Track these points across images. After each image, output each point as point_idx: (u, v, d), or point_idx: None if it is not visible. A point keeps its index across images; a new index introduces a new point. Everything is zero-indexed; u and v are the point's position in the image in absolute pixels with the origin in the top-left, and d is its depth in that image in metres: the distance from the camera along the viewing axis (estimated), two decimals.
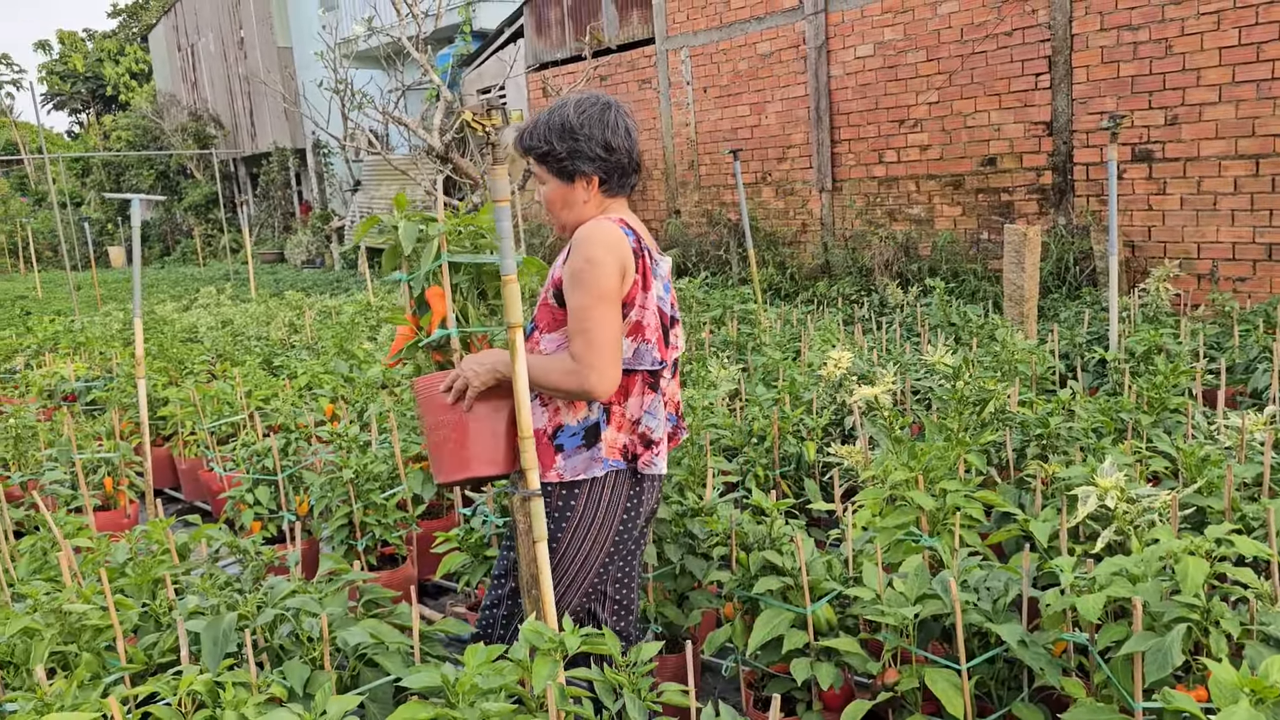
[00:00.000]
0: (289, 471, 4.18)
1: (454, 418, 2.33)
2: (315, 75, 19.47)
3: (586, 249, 2.26)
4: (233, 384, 5.88)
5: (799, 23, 9.91)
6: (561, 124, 2.34)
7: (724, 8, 10.77)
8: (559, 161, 2.36)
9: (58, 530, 3.10)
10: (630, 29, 12.11)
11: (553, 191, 2.40)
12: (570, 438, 2.36)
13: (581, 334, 2.24)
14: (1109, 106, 7.53)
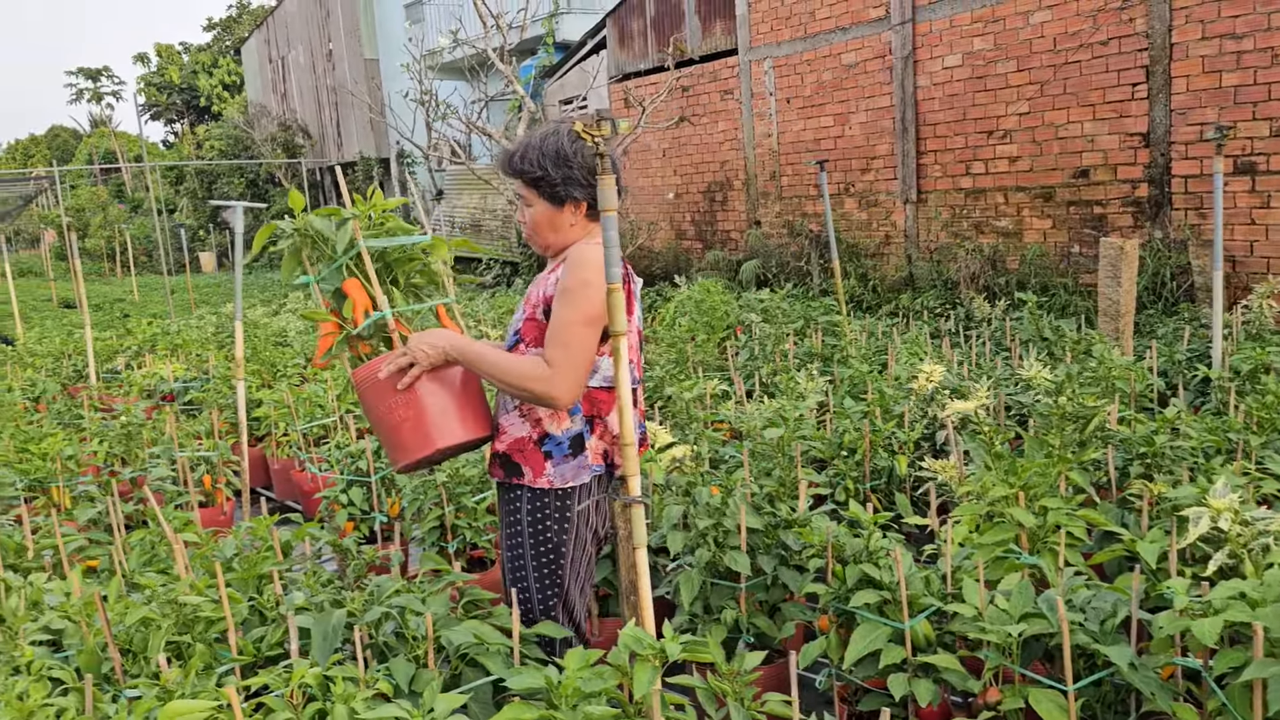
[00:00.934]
0: (382, 474, 4.27)
1: (405, 397, 2.40)
2: (400, 86, 19.90)
3: (584, 271, 2.38)
4: (324, 387, 6.02)
5: (885, 33, 9.82)
6: (556, 151, 2.44)
7: (809, 19, 10.72)
8: (551, 186, 2.45)
9: (167, 525, 3.21)
10: (713, 40, 12.13)
11: (540, 214, 2.49)
12: (557, 446, 2.48)
13: (562, 345, 2.35)
14: (1210, 118, 7.31)
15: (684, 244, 13.12)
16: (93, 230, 25.57)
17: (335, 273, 2.56)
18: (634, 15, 13.38)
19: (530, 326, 2.51)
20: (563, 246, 2.54)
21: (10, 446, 5.04)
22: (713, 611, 2.95)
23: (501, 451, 2.58)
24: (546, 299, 2.48)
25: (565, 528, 2.53)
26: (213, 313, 11.64)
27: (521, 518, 2.56)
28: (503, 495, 2.62)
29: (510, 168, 2.47)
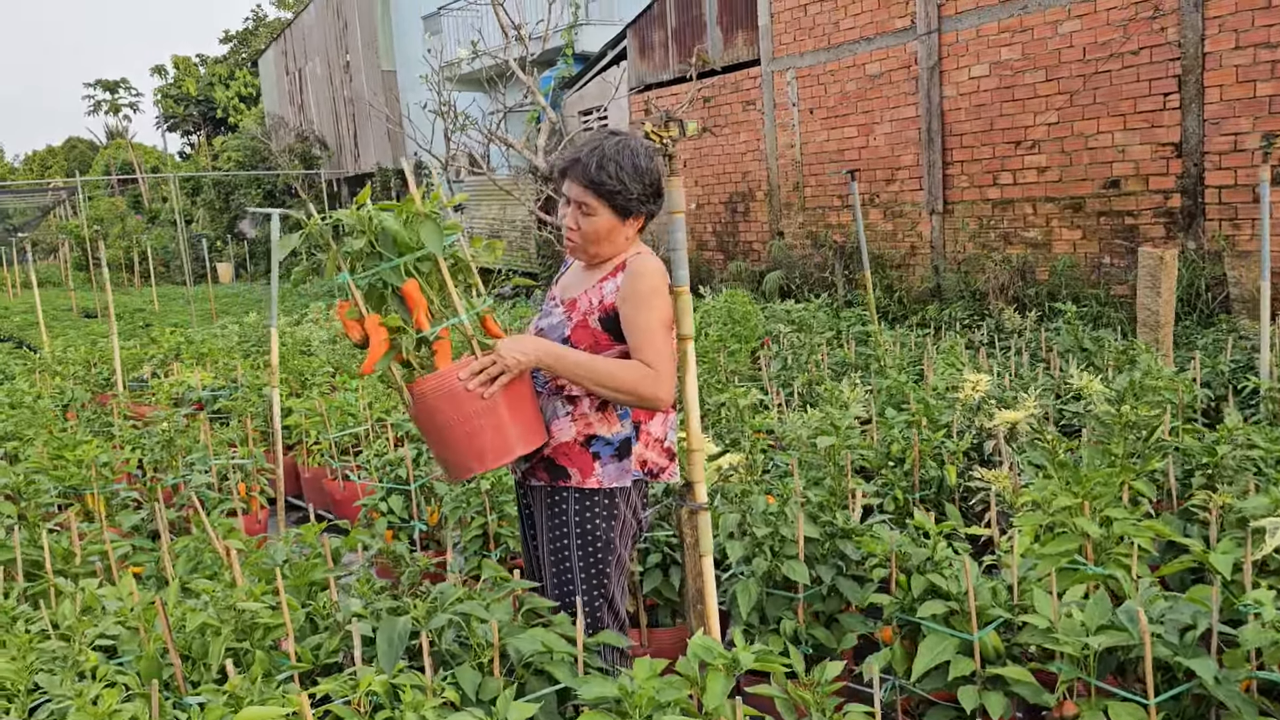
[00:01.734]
0: (421, 482, 4.23)
1: (485, 405, 2.35)
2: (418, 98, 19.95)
3: (652, 279, 2.43)
4: (355, 396, 6.00)
5: (911, 43, 9.79)
6: (634, 166, 2.45)
7: (832, 29, 10.70)
8: (626, 200, 2.46)
9: (213, 531, 3.17)
10: (735, 51, 12.12)
11: (603, 224, 2.47)
12: (605, 447, 2.50)
13: (654, 348, 2.39)
14: (1244, 127, 7.25)
15: (705, 255, 13.09)
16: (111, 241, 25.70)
17: (391, 274, 2.50)
18: (655, 26, 13.39)
19: (583, 333, 2.50)
20: (610, 256, 2.54)
21: (44, 454, 5.03)
22: (769, 622, 2.90)
23: (547, 455, 2.55)
24: (604, 307, 2.48)
25: (613, 524, 2.53)
26: (235, 322, 11.64)
27: (569, 519, 2.54)
28: (546, 499, 2.59)
29: (585, 176, 2.43)
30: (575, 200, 2.48)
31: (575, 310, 2.55)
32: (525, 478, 2.67)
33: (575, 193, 2.47)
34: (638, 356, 2.40)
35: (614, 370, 2.38)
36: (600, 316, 2.49)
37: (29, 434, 5.68)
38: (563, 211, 2.52)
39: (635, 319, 2.42)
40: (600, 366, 2.39)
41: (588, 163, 2.43)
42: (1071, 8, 8.29)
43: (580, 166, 2.45)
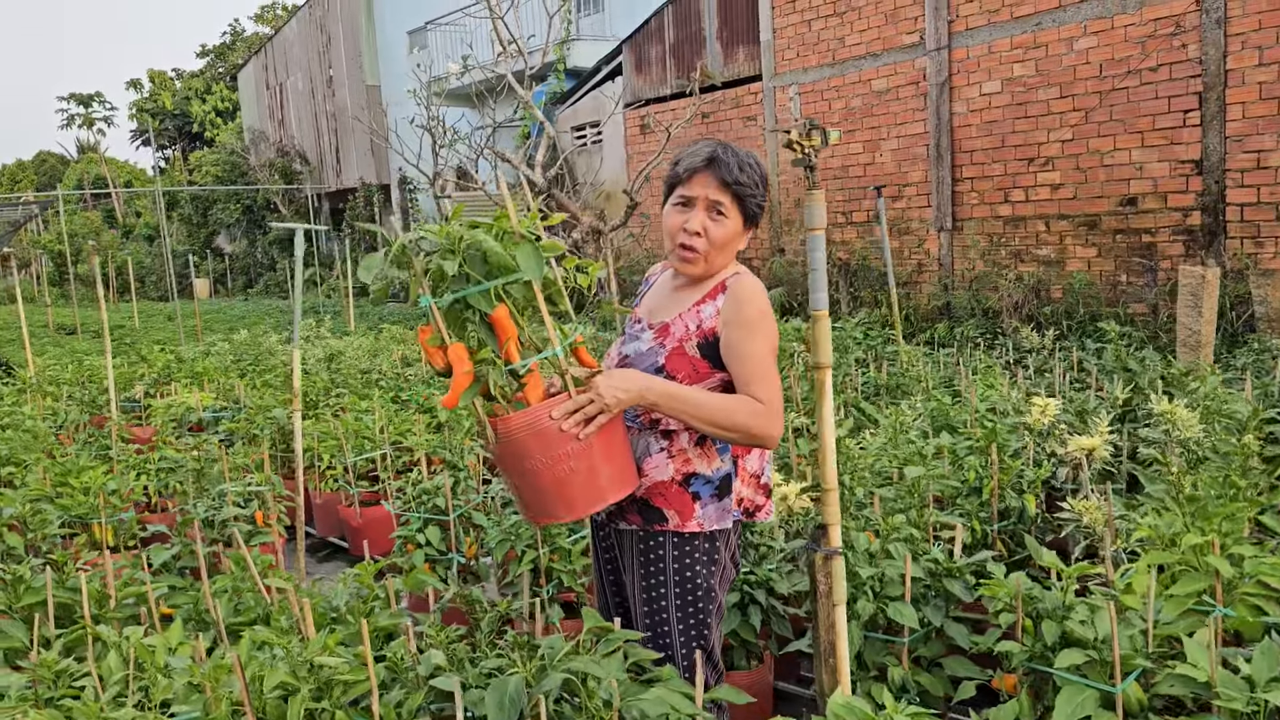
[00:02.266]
0: (460, 511, 4.00)
1: (578, 446, 2.11)
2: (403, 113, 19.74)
3: (759, 301, 2.27)
4: (371, 417, 5.75)
5: (920, 59, 9.68)
6: (761, 173, 2.32)
7: (838, 45, 10.59)
8: (757, 206, 2.31)
9: (254, 569, 2.93)
10: (735, 66, 12.00)
11: (732, 231, 2.29)
12: (705, 485, 2.29)
13: (764, 380, 2.19)
14: (1268, 145, 7.18)
15: None
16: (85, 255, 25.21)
17: (480, 298, 2.25)
18: (652, 41, 13.26)
19: (680, 361, 2.28)
20: (714, 272, 2.34)
21: (46, 480, 4.74)
22: (866, 667, 2.69)
23: (640, 497, 2.34)
24: (705, 332, 2.27)
25: (713, 570, 2.33)
26: (224, 339, 11.32)
27: (666, 565, 2.33)
28: (639, 544, 2.37)
29: (729, 174, 2.24)
30: (709, 201, 2.26)
31: (668, 335, 2.34)
32: (610, 520, 2.45)
33: (711, 192, 2.26)
34: (747, 389, 2.19)
35: (725, 407, 2.17)
36: (699, 342, 2.28)
37: (25, 458, 5.39)
38: (680, 217, 2.30)
39: (744, 346, 2.22)
40: (709, 404, 2.18)
41: (729, 161, 2.24)
42: (1087, 24, 8.22)
43: (721, 165, 2.25)
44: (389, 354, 9.07)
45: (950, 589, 2.67)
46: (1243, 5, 7.21)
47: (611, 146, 14.15)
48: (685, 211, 2.30)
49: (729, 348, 2.24)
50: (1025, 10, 8.69)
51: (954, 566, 2.69)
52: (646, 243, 13.44)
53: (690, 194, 2.28)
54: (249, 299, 24.96)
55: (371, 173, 23.53)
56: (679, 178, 2.31)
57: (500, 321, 2.16)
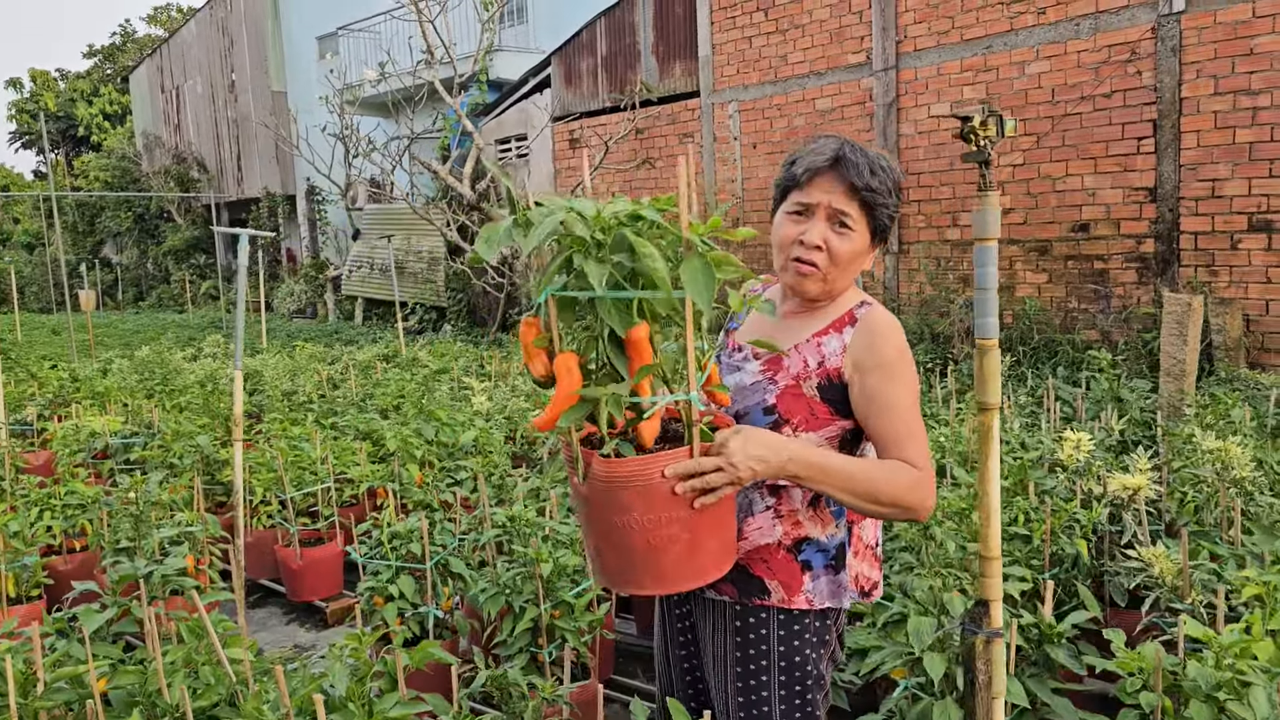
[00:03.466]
0: (437, 559, 3.51)
1: (684, 514, 1.69)
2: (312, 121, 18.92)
3: (896, 338, 1.89)
4: (308, 446, 5.19)
5: (866, 79, 9.54)
6: (895, 179, 1.91)
7: (780, 63, 10.39)
8: (888, 218, 1.91)
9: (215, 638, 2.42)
10: (672, 81, 11.71)
11: (859, 246, 1.90)
12: (818, 554, 1.92)
13: (914, 438, 1.82)
14: (1222, 174, 7.17)
15: None
16: None
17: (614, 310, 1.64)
18: (583, 54, 12.89)
19: (795, 403, 1.89)
20: (835, 294, 1.96)
21: None
22: None
23: (738, 562, 1.93)
24: (829, 371, 1.88)
25: (823, 652, 1.96)
26: (123, 356, 10.47)
27: (770, 646, 1.93)
28: (734, 619, 1.96)
29: (859, 179, 1.84)
30: (831, 210, 1.87)
31: (781, 370, 1.94)
32: (702, 590, 2.03)
33: (835, 199, 1.86)
34: (897, 450, 1.80)
35: (882, 479, 1.77)
36: (820, 383, 1.89)
37: None
38: (795, 228, 1.91)
39: (887, 395, 1.83)
40: (863, 475, 1.76)
41: (858, 162, 1.85)
42: (1040, 49, 8.16)
43: (849, 166, 1.85)
44: (311, 374, 8.44)
45: (1054, 657, 2.33)
46: (1198, 34, 7.21)
47: (539, 161, 13.71)
48: (802, 221, 1.90)
49: (867, 397, 1.85)
50: (975, 33, 8.60)
51: (1056, 630, 2.35)
52: None
53: (809, 200, 1.89)
54: (140, 312, 23.61)
55: (276, 182, 22.54)
56: (796, 180, 1.91)
57: (638, 345, 1.67)
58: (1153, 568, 2.91)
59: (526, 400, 6.55)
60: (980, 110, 1.62)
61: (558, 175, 13.47)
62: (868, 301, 1.95)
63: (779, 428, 1.90)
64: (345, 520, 5.08)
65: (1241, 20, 6.98)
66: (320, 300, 19.13)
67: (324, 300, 18.95)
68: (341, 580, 4.97)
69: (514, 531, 3.26)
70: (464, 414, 6.02)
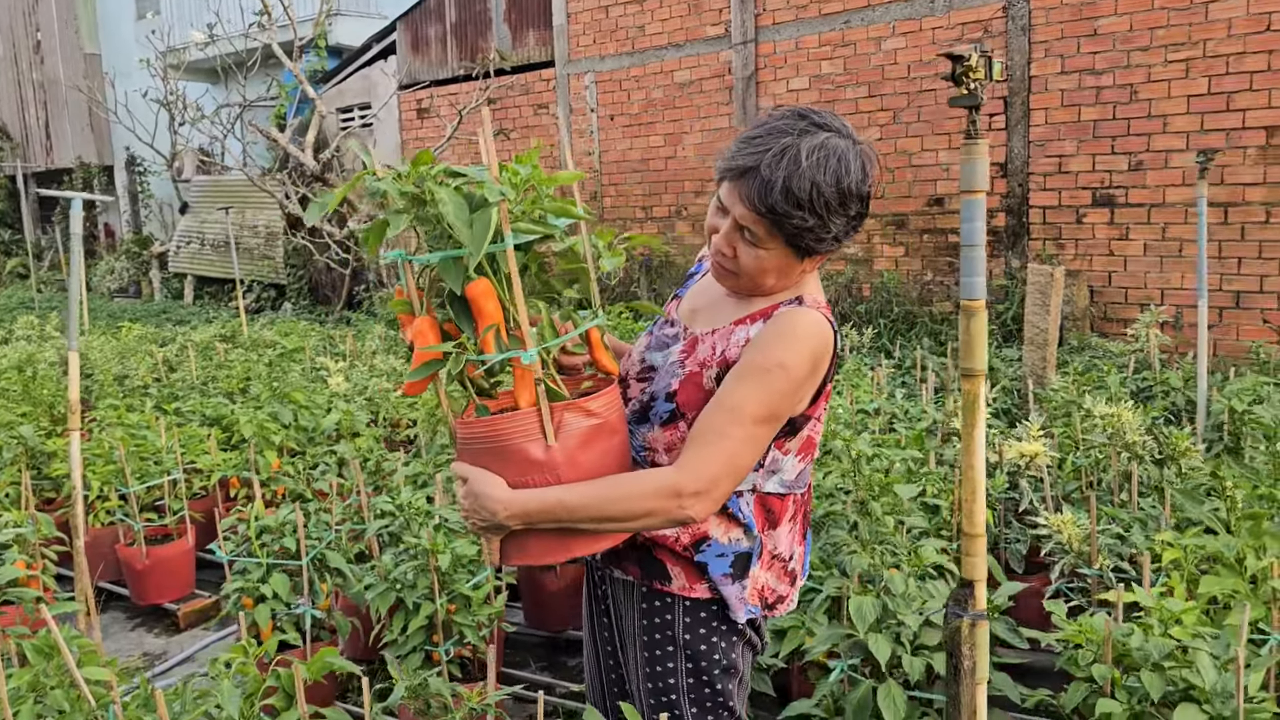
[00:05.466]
0: (315, 553, 3.20)
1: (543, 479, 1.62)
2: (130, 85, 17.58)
3: (788, 347, 1.64)
4: (152, 434, 4.72)
5: (725, 52, 9.49)
6: (840, 190, 1.60)
7: (637, 33, 10.23)
8: (815, 240, 1.64)
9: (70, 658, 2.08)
10: (526, 50, 11.38)
11: (770, 262, 1.68)
12: (717, 559, 1.75)
13: (716, 444, 1.61)
14: (1069, 150, 7.45)
15: None
16: None
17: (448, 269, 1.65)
18: (431, 20, 12.38)
19: (692, 392, 1.73)
20: (774, 291, 1.76)
21: None
22: None
23: (641, 543, 1.78)
24: (726, 360, 1.71)
25: (735, 640, 1.81)
26: None
27: (675, 633, 1.79)
28: (638, 600, 1.83)
29: (762, 199, 1.60)
30: (736, 220, 1.66)
31: (693, 354, 1.77)
32: (605, 563, 1.88)
33: (738, 212, 1.64)
34: (687, 449, 1.63)
35: (607, 494, 1.61)
36: (719, 373, 1.72)
37: None
38: (713, 220, 1.73)
39: (729, 391, 1.64)
40: (601, 498, 1.60)
41: (770, 179, 1.59)
42: (896, 25, 8.28)
43: (757, 183, 1.60)
44: (143, 357, 7.79)
45: (992, 630, 2.26)
46: (1046, 14, 7.45)
47: (384, 131, 13.13)
48: (722, 216, 1.71)
49: (721, 383, 1.68)
50: (834, 7, 8.66)
51: (993, 604, 2.28)
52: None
53: (724, 202, 1.68)
54: None
55: (92, 151, 20.90)
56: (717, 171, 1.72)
57: (477, 301, 1.62)
58: (1060, 534, 2.90)
59: (389, 380, 6.20)
60: (974, 49, 1.49)
61: (405, 146, 12.95)
62: (803, 299, 1.74)
63: (676, 421, 1.74)
64: (196, 515, 4.66)
65: (1087, 1, 7.24)
66: (145, 278, 17.86)
67: (149, 278, 17.71)
68: (193, 579, 4.57)
69: (406, 520, 2.99)
70: (321, 396, 5.63)
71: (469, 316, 1.65)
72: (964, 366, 1.50)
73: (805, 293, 1.75)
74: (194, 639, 4.27)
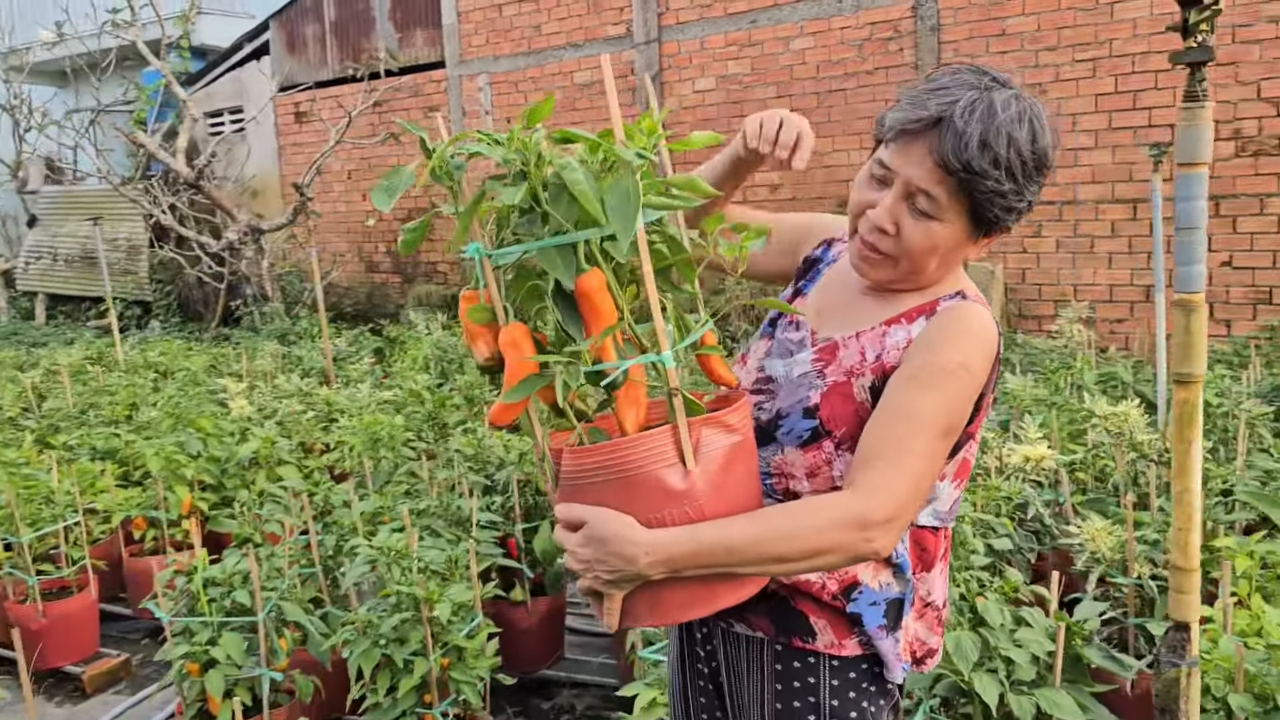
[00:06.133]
0: (270, 607, 2.79)
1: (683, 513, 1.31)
2: None
3: (967, 347, 1.40)
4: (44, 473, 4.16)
5: (627, 52, 9.25)
6: (1035, 152, 1.37)
7: (533, 33, 9.90)
8: (1004, 209, 1.39)
9: None
10: (414, 50, 10.90)
11: (945, 238, 1.41)
12: (870, 608, 1.48)
13: (898, 462, 1.34)
14: None
15: (378, 278, 11.67)
16: None
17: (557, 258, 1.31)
18: (308, 19, 11.76)
19: (840, 406, 1.45)
20: (922, 284, 1.49)
21: None
22: None
23: (775, 591, 1.50)
24: (884, 367, 1.44)
25: (883, 704, 1.52)
26: None
27: (820, 699, 1.50)
28: (769, 661, 1.54)
29: (956, 152, 1.34)
30: (910, 185, 1.39)
31: (834, 362, 1.49)
32: (717, 618, 1.58)
33: (919, 175, 1.38)
34: (859, 468, 1.36)
35: (784, 528, 1.32)
36: (874, 383, 1.44)
37: None
38: (870, 193, 1.44)
39: (906, 400, 1.37)
40: (772, 535, 1.31)
41: (964, 131, 1.34)
42: (804, 25, 8.21)
43: (949, 135, 1.34)
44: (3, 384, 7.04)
45: (1085, 657, 2.06)
46: (954, 14, 7.49)
47: (260, 136, 12.40)
48: (878, 189, 1.43)
49: (887, 392, 1.40)
50: (739, 6, 8.53)
51: (1083, 628, 2.09)
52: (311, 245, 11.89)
53: (890, 166, 1.41)
54: None
55: None
56: (882, 129, 1.44)
57: (590, 298, 1.29)
58: (1093, 542, 2.75)
59: (300, 402, 5.72)
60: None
61: (283, 152, 12.27)
62: (965, 294, 1.49)
63: (819, 440, 1.46)
64: (98, 562, 4.13)
65: (995, 1, 7.30)
66: None
67: None
68: (98, 637, 4.05)
69: (388, 565, 2.62)
70: (226, 421, 5.13)
71: (575, 318, 1.33)
72: (1177, 371, 1.29)
73: (960, 287, 1.51)
74: (104, 706, 3.76)
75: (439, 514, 3.30)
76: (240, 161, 12.28)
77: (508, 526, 3.51)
